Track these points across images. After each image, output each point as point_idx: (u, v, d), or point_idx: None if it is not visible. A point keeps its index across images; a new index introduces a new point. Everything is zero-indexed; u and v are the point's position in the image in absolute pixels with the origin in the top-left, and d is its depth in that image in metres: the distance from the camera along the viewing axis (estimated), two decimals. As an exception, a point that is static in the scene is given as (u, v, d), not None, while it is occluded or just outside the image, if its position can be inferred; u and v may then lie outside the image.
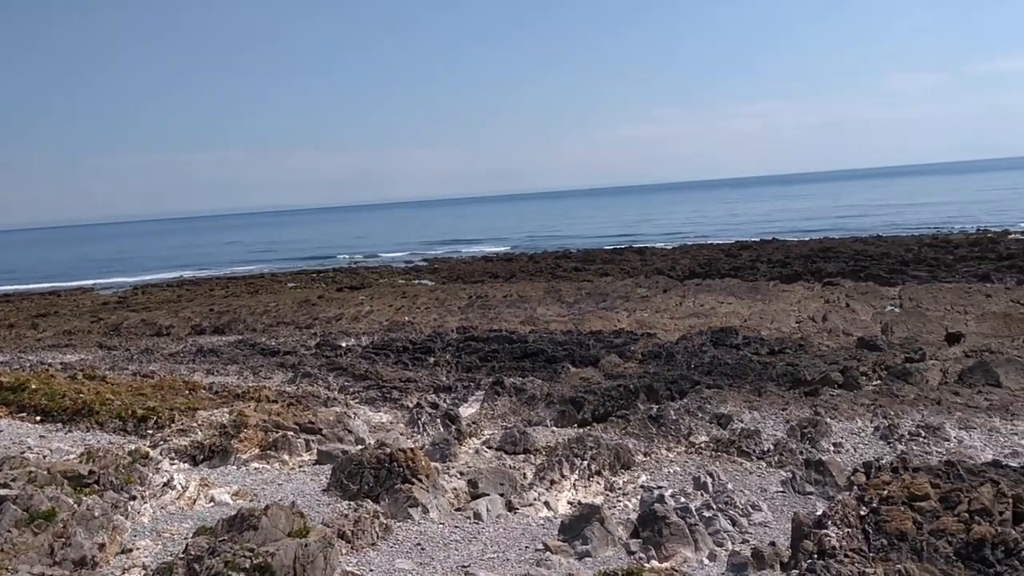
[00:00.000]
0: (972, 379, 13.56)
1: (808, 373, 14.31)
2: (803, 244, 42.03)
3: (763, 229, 62.27)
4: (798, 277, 28.52)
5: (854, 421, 11.94)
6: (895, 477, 8.27)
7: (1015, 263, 28.09)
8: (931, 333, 17.96)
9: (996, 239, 37.76)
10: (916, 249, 34.53)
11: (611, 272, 34.40)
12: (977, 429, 11.31)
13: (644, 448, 10.97)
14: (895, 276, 27.09)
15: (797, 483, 9.44)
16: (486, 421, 12.90)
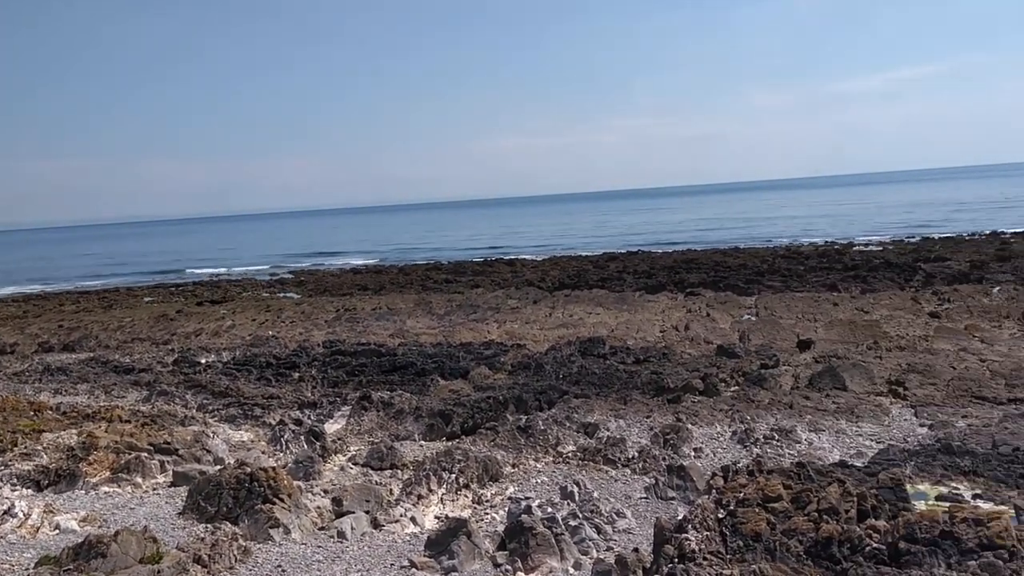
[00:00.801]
0: (821, 383, 14.24)
1: (671, 381, 14.71)
2: (667, 256, 43.31)
3: (630, 241, 63.91)
4: (662, 288, 29.34)
5: (714, 426, 12.33)
6: (751, 480, 8.56)
7: (859, 273, 29.74)
8: (784, 340, 18.75)
9: (843, 251, 39.92)
10: (771, 260, 36.10)
11: (482, 284, 34.53)
12: (825, 431, 11.87)
13: (513, 459, 11.00)
14: (752, 286, 28.21)
15: (660, 489, 9.65)
16: (352, 437, 12.67)
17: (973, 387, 13.56)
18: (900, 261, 32.76)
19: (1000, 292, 23.97)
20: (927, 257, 34.17)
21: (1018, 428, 10.99)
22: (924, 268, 30.03)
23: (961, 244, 40.18)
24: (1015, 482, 9.12)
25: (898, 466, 9.67)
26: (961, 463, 9.78)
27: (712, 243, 54.54)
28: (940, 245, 40.06)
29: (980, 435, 10.96)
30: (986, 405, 12.70)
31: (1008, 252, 33.90)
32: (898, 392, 13.77)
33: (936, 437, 11.15)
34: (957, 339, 17.87)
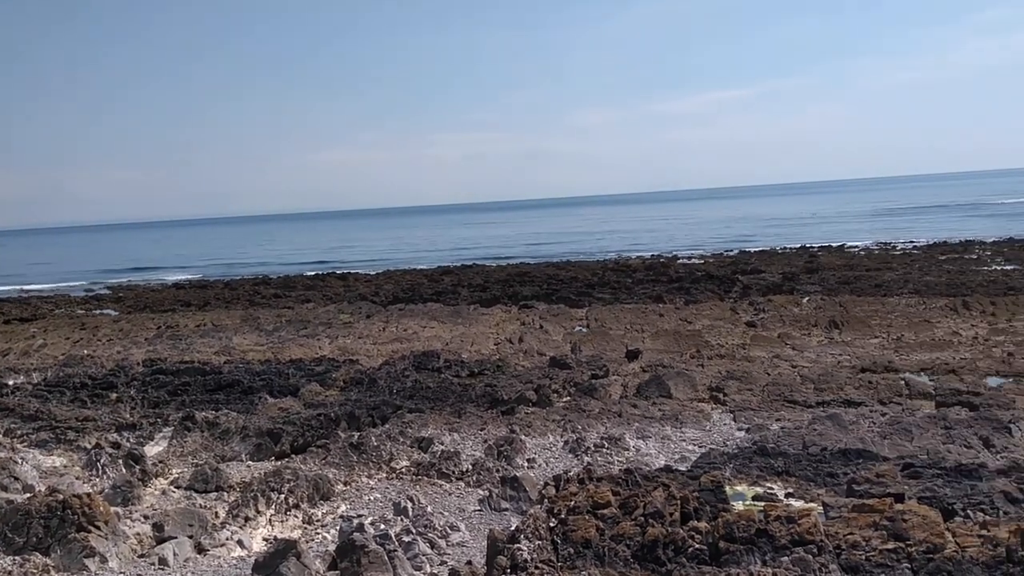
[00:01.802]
0: (648, 392, 14.72)
1: (505, 393, 14.81)
2: (501, 269, 43.78)
3: (465, 255, 64.27)
4: (497, 301, 29.60)
5: (546, 436, 12.50)
6: (581, 488, 8.70)
7: (683, 285, 31.07)
8: (614, 351, 19.29)
9: (668, 264, 41.61)
10: (601, 273, 37.14)
11: (313, 298, 33.74)
12: (652, 438, 12.26)
13: (345, 477, 10.75)
14: (583, 298, 28.91)
15: (493, 501, 9.67)
16: (175, 459, 12.03)
17: (786, 392, 14.37)
18: (720, 273, 34.45)
19: (809, 302, 25.62)
20: (744, 270, 36.09)
21: (825, 429, 11.72)
22: (742, 280, 31.71)
23: (774, 257, 42.73)
24: (823, 480, 9.70)
25: (718, 469, 10.10)
26: (775, 464, 10.32)
27: (544, 256, 55.63)
28: (756, 258, 42.47)
29: (792, 437, 11.61)
30: (797, 408, 13.49)
31: (816, 265, 36.32)
32: (718, 398, 14.43)
33: (752, 440, 11.73)
34: (771, 347, 18.93)
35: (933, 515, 7.05)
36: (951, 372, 15.47)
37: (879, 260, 37.97)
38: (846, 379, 15.05)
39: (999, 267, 32.90)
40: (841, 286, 28.84)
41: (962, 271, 31.78)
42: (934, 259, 37.23)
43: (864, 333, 20.13)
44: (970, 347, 17.92)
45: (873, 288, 27.80)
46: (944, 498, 8.24)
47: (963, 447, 10.81)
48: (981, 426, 11.51)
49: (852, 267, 35.43)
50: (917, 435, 11.33)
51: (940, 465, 9.56)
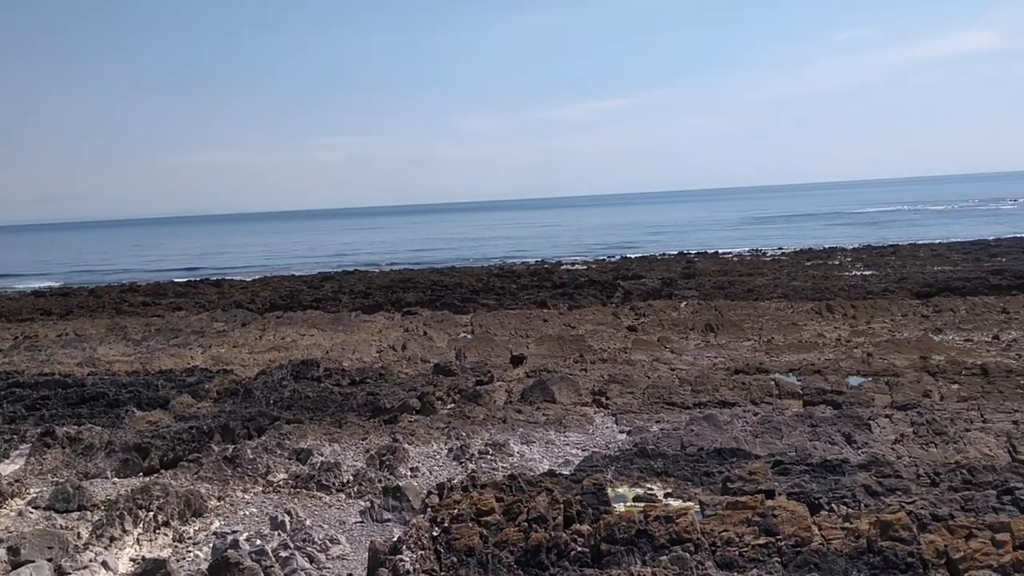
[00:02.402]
0: (532, 397, 14.79)
1: (388, 401, 14.62)
2: (384, 275, 43.33)
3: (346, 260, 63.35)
4: (379, 307, 29.25)
5: (430, 444, 12.39)
6: (465, 495, 8.65)
7: (566, 290, 31.45)
8: (499, 356, 19.34)
9: (552, 269, 42.08)
10: (485, 279, 37.22)
11: (185, 306, 32.55)
12: (536, 442, 12.31)
13: (218, 492, 10.37)
14: (467, 304, 28.88)
15: (375, 512, 9.50)
16: (33, 478, 11.35)
17: (665, 394, 14.69)
18: (602, 279, 35.05)
19: (687, 307, 26.35)
20: (626, 275, 36.84)
21: (702, 430, 12.02)
22: (623, 285, 32.34)
23: (654, 263, 43.79)
24: (699, 479, 9.95)
25: (600, 471, 10.22)
26: (655, 465, 10.53)
27: (429, 262, 55.42)
28: (637, 264, 43.44)
29: (671, 438, 11.87)
30: (675, 410, 13.81)
31: (693, 270, 37.43)
32: (601, 402, 14.63)
33: (633, 442, 11.93)
34: (651, 350, 19.35)
35: (801, 510, 7.31)
36: (817, 372, 16.15)
37: (751, 266, 39.41)
38: (721, 380, 15.51)
39: (859, 272, 34.64)
40: (716, 291, 29.77)
41: (826, 276, 33.30)
42: (801, 265, 38.89)
43: (738, 336, 20.81)
44: (834, 348, 18.77)
45: (746, 292, 28.81)
46: (811, 493, 8.56)
47: (828, 444, 11.28)
48: (844, 423, 12.04)
49: (726, 272, 36.65)
50: (786, 433, 11.76)
51: (807, 461, 9.94)
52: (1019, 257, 36.53)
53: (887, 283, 29.24)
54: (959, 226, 65.71)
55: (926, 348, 18.02)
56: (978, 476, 9.15)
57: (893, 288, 27.76)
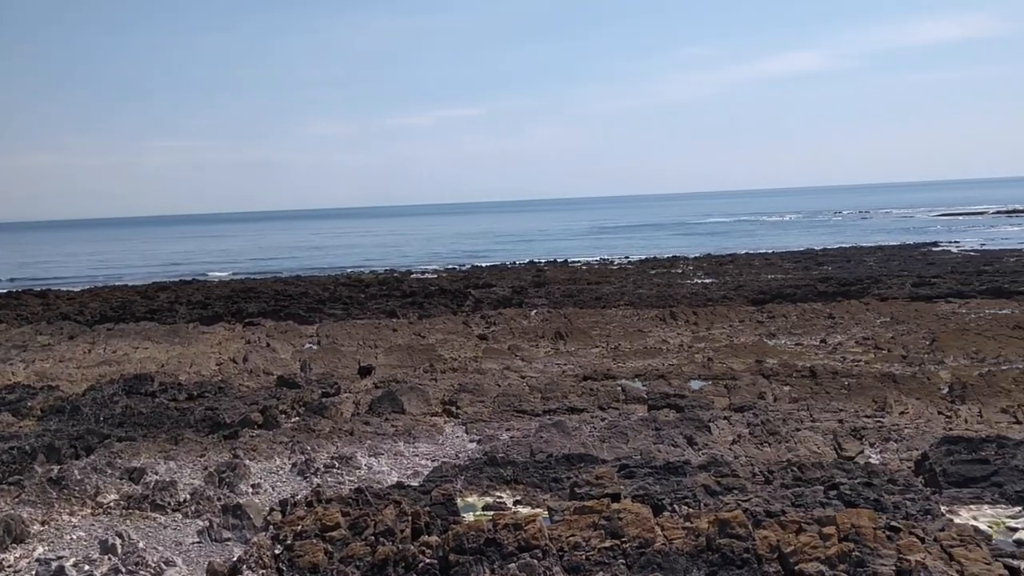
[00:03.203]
0: (381, 408, 14.57)
1: (228, 416, 14.06)
2: (225, 285, 41.75)
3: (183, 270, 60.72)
4: (219, 318, 28.18)
5: (273, 460, 11.99)
6: (309, 511, 8.40)
7: (416, 300, 31.27)
8: (346, 367, 18.98)
9: (401, 278, 41.76)
10: (332, 288, 36.51)
11: (5, 319, 30.32)
12: (384, 454, 12.13)
13: (42, 516, 9.66)
14: (313, 315, 28.24)
15: (214, 531, 9.10)
16: None
17: (515, 402, 14.78)
18: (453, 288, 35.04)
19: (537, 315, 26.69)
20: (476, 284, 36.99)
21: (551, 436, 12.16)
22: (474, 294, 32.45)
23: (505, 272, 44.20)
24: (548, 486, 10.04)
25: (450, 482, 10.16)
26: (504, 473, 10.55)
27: (272, 271, 53.87)
28: (487, 273, 43.71)
29: (520, 445, 11.94)
30: (525, 417, 13.91)
31: (543, 279, 37.99)
32: (451, 411, 14.57)
33: (483, 451, 11.93)
34: (502, 359, 19.46)
35: (645, 512, 7.48)
36: (661, 377, 16.66)
37: (599, 274, 40.40)
38: (570, 387, 15.75)
39: (700, 280, 36.13)
40: (566, 299, 30.32)
41: (669, 284, 34.55)
42: (646, 273, 40.18)
43: (586, 343, 21.23)
44: (677, 354, 19.43)
45: (594, 301, 29.48)
46: (655, 495, 8.78)
47: (671, 446, 11.63)
48: (686, 426, 12.45)
49: (575, 281, 37.41)
50: (632, 437, 12.05)
51: (651, 464, 10.21)
52: (843, 266, 39.02)
53: (726, 291, 30.61)
54: (790, 236, 69.61)
55: (761, 352, 18.92)
56: (807, 473, 9.63)
57: (731, 295, 29.07)
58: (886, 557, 6.63)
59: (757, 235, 75.89)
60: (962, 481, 9.47)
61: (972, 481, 9.44)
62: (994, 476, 9.43)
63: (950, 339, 19.06)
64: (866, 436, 11.93)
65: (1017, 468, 9.53)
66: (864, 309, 24.52)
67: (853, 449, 11.37)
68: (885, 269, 36.23)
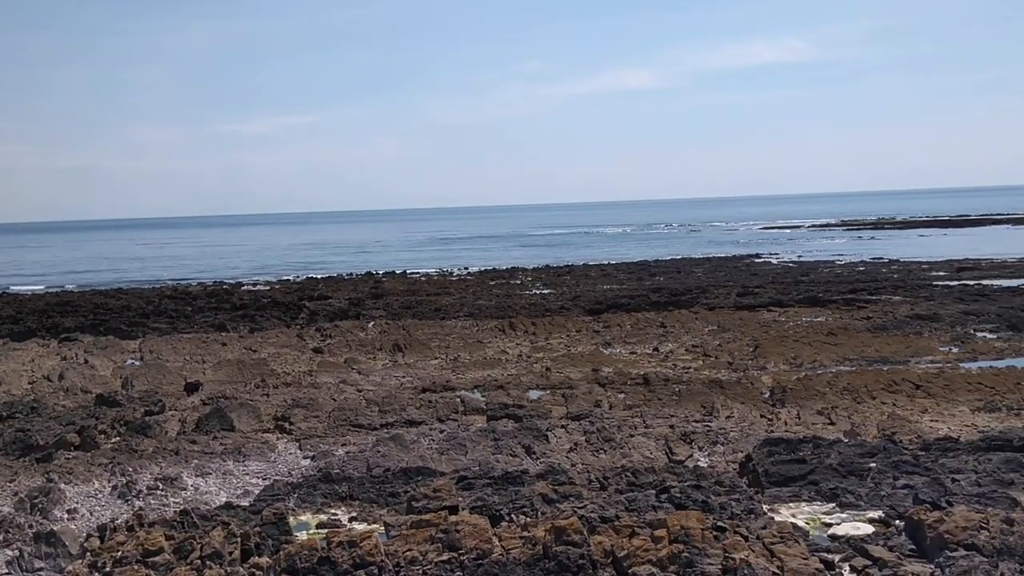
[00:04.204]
0: (209, 426, 13.95)
1: (41, 437, 13.09)
2: (38, 298, 39.03)
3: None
4: (32, 334, 26.28)
5: (91, 483, 11.25)
6: (130, 535, 7.94)
7: (247, 312, 30.24)
8: (171, 384, 18.11)
9: (231, 290, 40.30)
10: (157, 301, 34.82)
11: None
12: (213, 474, 11.61)
13: None
14: (136, 329, 26.81)
15: (25, 560, 8.43)
16: None
17: (351, 416, 14.49)
18: (287, 300, 34.12)
19: (374, 327, 26.35)
20: (311, 295, 36.14)
21: (388, 450, 11.98)
22: (308, 306, 31.68)
23: (341, 283, 43.44)
24: (385, 500, 9.87)
25: (282, 500, 9.82)
26: (339, 489, 10.30)
27: (91, 284, 50.78)
28: (323, 284, 42.80)
29: (357, 460, 11.70)
30: (362, 432, 13.65)
31: (381, 290, 37.59)
32: (284, 427, 14.12)
33: (318, 467, 11.63)
34: (338, 372, 19.07)
35: (483, 523, 7.45)
36: (500, 387, 16.77)
37: (438, 285, 40.40)
38: (408, 400, 15.60)
39: (538, 291, 36.75)
40: (404, 310, 30.10)
41: (508, 295, 34.95)
42: (485, 284, 40.50)
43: (425, 355, 21.12)
44: (516, 364, 19.64)
45: (433, 312, 29.41)
46: (493, 505, 8.78)
47: (509, 456, 11.70)
48: (524, 435, 12.56)
49: (414, 292, 37.25)
50: (471, 448, 12.03)
51: (490, 475, 10.22)
52: (675, 276, 40.67)
53: (563, 301, 31.25)
54: (625, 248, 71.97)
55: (597, 361, 19.39)
56: (640, 478, 9.90)
57: (569, 306, 29.70)
58: (713, 556, 6.87)
59: (594, 247, 78.04)
60: (782, 480, 9.98)
61: (791, 480, 9.96)
62: (810, 475, 9.98)
63: (771, 346, 20.17)
64: (695, 440, 12.40)
65: (831, 467, 10.13)
66: (694, 318, 25.60)
67: (683, 453, 11.79)
68: (713, 280, 38.01)
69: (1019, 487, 9.43)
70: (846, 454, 10.58)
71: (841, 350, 19.52)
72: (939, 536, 7.38)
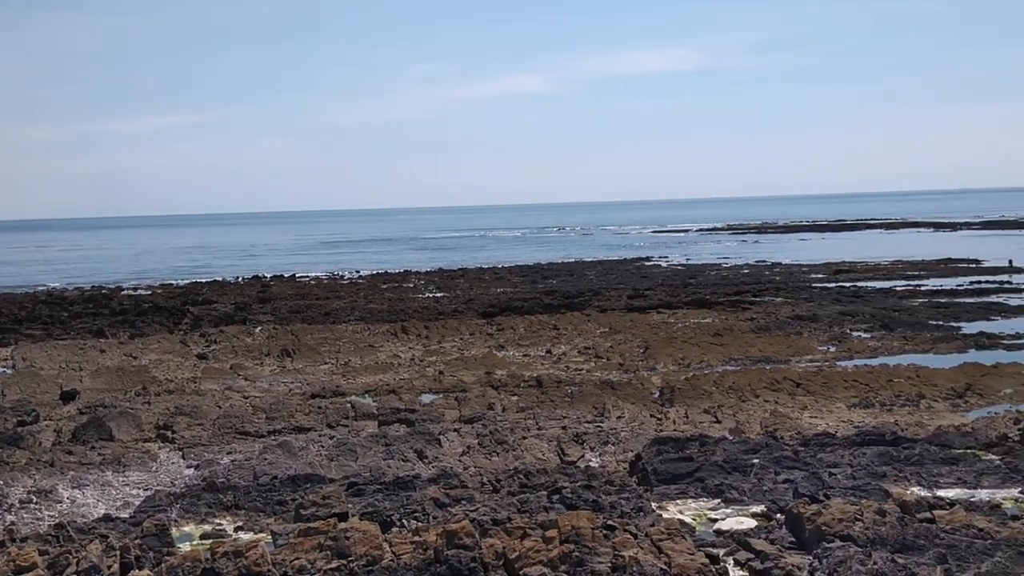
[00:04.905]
0: (86, 436, 13.35)
1: None
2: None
3: None
4: None
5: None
6: (1, 552, 7.56)
7: (128, 318, 29.12)
8: (46, 393, 17.27)
9: (111, 295, 38.77)
10: (31, 307, 33.19)
11: None
12: (90, 486, 11.13)
13: None
14: (8, 336, 25.50)
15: None
16: None
17: (237, 423, 14.10)
18: (169, 305, 33.02)
19: (262, 332, 25.74)
20: (195, 300, 35.07)
21: (276, 458, 11.69)
22: (193, 311, 30.71)
23: (227, 287, 42.29)
24: (272, 509, 9.63)
25: (164, 511, 9.48)
26: (224, 499, 10.00)
27: (-39, 290, 48.03)
28: (208, 289, 41.55)
29: (243, 469, 11.39)
30: (249, 439, 13.31)
31: (269, 294, 36.74)
32: (166, 436, 13.65)
33: (202, 476, 11.28)
34: (223, 379, 18.54)
35: (373, 529, 7.35)
36: (392, 392, 16.61)
37: (328, 289, 39.77)
38: (297, 406, 15.28)
39: (431, 295, 36.61)
40: (293, 315, 29.50)
41: (401, 299, 34.69)
42: (377, 288, 40.06)
43: (315, 360, 20.75)
44: (408, 368, 19.49)
45: (323, 316, 28.92)
46: (384, 511, 8.67)
47: (401, 461, 11.59)
48: (416, 440, 12.46)
49: (303, 296, 36.58)
50: (361, 454, 11.87)
51: (381, 480, 10.10)
52: (567, 279, 41.14)
53: (457, 304, 31.21)
54: (519, 251, 72.36)
55: (491, 364, 19.42)
56: (533, 479, 9.95)
57: (462, 309, 29.69)
58: (603, 555, 6.94)
59: (487, 250, 78.22)
60: (670, 478, 10.19)
61: (678, 478, 10.18)
62: (697, 472, 10.23)
63: (660, 347, 20.61)
64: (587, 441, 12.55)
65: (717, 464, 10.41)
66: (586, 320, 25.94)
67: (575, 454, 11.92)
68: (604, 282, 38.63)
69: (891, 479, 9.91)
70: (731, 451, 10.89)
71: (727, 350, 20.11)
72: (817, 528, 7.66)
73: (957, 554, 7.21)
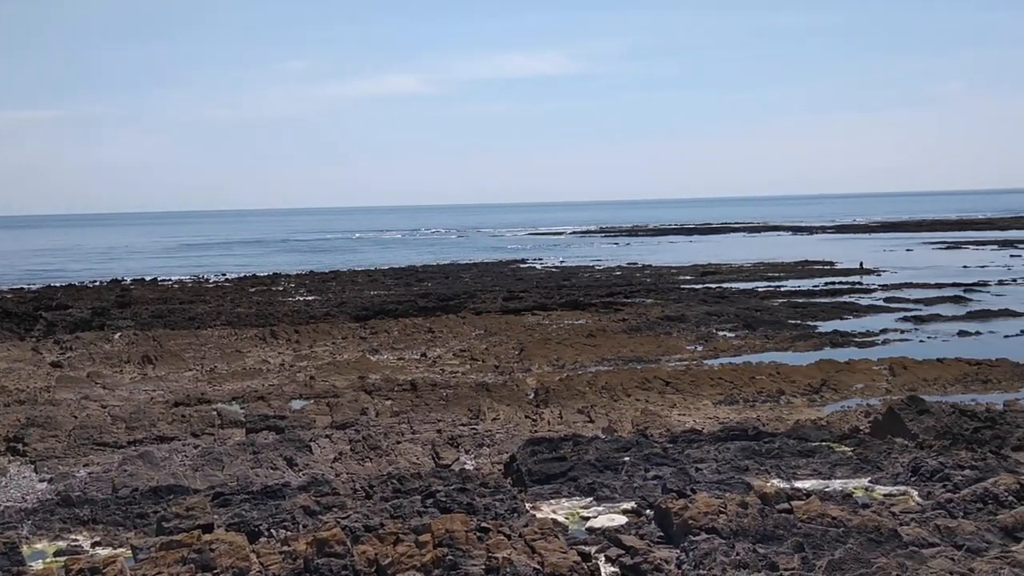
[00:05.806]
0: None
1: None
2: None
3: None
4: None
5: None
6: None
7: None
8: None
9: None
10: None
11: None
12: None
13: None
14: None
15: None
16: None
17: (95, 434, 13.40)
18: (20, 310, 31.08)
19: (121, 338, 24.59)
20: (49, 305, 33.18)
21: (136, 469, 11.16)
22: (46, 317, 29.05)
23: (84, 291, 40.20)
24: (132, 522, 9.19)
25: (14, 528, 8.93)
26: (81, 513, 9.49)
27: None
28: (62, 293, 39.39)
29: (101, 482, 10.83)
30: (107, 451, 12.68)
31: (129, 299, 35.14)
32: (17, 449, 12.85)
33: (56, 491, 10.66)
34: (80, 387, 17.60)
35: (240, 540, 7.10)
36: (260, 399, 16.14)
37: (193, 293, 38.37)
38: (159, 415, 14.64)
39: (302, 298, 35.79)
40: (155, 320, 28.34)
41: (270, 302, 33.77)
42: (245, 291, 38.90)
43: (178, 367, 19.97)
44: (278, 373, 18.99)
45: (187, 321, 27.89)
46: (251, 521, 8.40)
47: (270, 469, 11.26)
48: (286, 447, 12.14)
49: (166, 300, 35.19)
50: (228, 463, 11.47)
51: (248, 490, 9.79)
52: (442, 282, 41.01)
53: (329, 307, 30.62)
54: (392, 253, 71.72)
55: (364, 368, 19.13)
56: (406, 484, 9.84)
57: (334, 312, 29.14)
58: (477, 557, 6.92)
59: (360, 252, 77.24)
60: (544, 478, 10.27)
61: (552, 478, 10.27)
62: (570, 472, 10.35)
63: (535, 348, 20.80)
64: (462, 443, 12.52)
65: (589, 463, 10.56)
66: (461, 323, 25.91)
67: (450, 457, 11.86)
68: (480, 284, 38.69)
69: (753, 472, 10.29)
70: (603, 450, 11.07)
71: (600, 351, 20.47)
72: (684, 522, 7.86)
73: (813, 542, 7.54)
